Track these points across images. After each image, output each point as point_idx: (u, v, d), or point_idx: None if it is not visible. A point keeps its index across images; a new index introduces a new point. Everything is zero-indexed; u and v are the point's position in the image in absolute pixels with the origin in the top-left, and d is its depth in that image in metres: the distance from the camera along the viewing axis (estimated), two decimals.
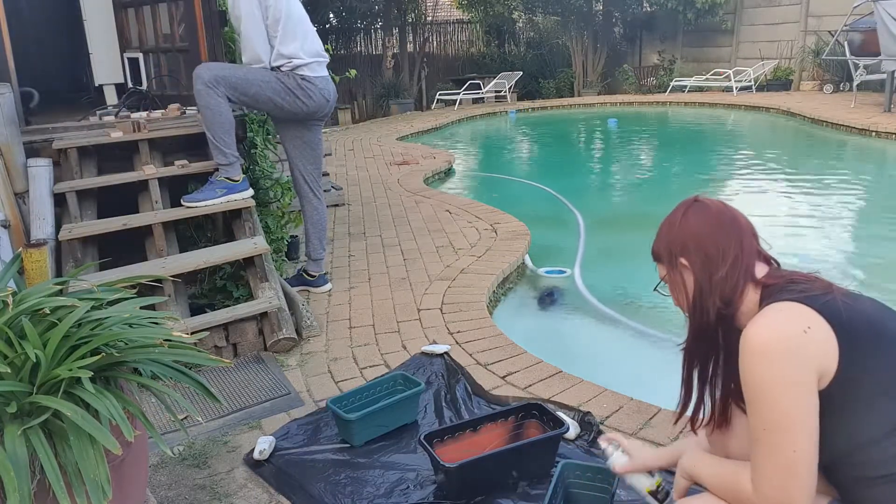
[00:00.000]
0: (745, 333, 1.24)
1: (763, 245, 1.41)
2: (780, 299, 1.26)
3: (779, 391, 1.19)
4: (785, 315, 1.23)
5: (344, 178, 6.82)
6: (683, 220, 1.41)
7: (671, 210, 1.46)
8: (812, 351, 1.19)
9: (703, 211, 1.41)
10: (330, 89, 3.43)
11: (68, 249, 3.04)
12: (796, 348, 1.19)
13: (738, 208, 1.45)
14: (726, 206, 1.42)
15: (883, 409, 1.20)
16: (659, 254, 1.46)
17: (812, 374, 1.19)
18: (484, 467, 1.96)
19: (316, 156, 3.60)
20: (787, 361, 1.19)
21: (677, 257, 1.40)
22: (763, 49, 13.47)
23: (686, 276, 1.39)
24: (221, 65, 3.23)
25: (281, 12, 3.19)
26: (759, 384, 1.21)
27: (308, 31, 3.33)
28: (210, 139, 3.24)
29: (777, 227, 5.18)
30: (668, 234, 1.43)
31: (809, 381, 1.19)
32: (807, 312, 1.22)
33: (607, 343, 3.40)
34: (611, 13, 15.08)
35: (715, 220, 1.39)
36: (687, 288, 1.40)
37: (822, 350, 1.20)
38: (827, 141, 8.82)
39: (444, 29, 15.69)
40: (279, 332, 3.01)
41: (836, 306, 1.23)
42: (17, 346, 1.51)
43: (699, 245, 1.37)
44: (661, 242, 1.45)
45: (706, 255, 1.36)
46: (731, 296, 1.34)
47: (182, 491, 2.10)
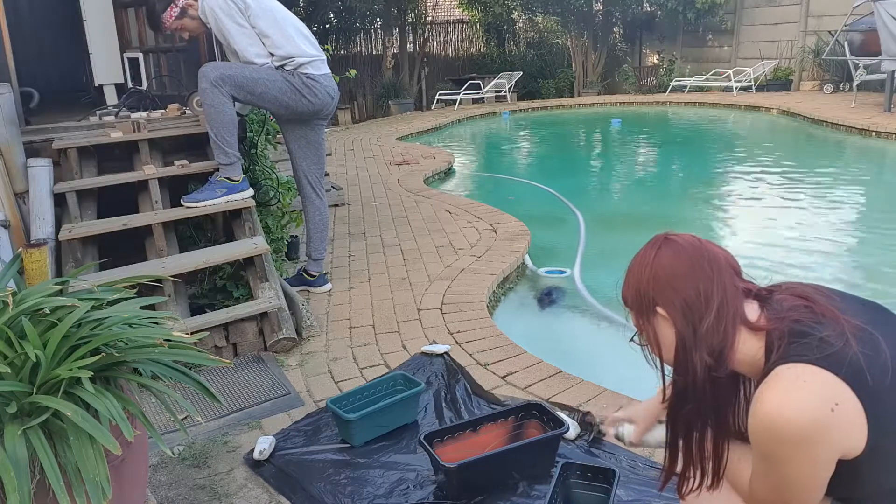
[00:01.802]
0: (762, 404, 1.09)
1: (747, 276, 1.24)
2: (794, 357, 1.11)
3: (795, 470, 1.10)
4: (808, 391, 1.07)
5: (344, 178, 6.82)
6: (655, 261, 1.24)
7: (639, 250, 1.29)
8: (838, 432, 1.07)
9: (675, 250, 1.23)
10: (333, 87, 3.44)
11: (68, 249, 3.03)
12: (822, 432, 1.06)
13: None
14: (701, 242, 1.24)
15: None
16: (630, 301, 1.28)
17: (836, 454, 1.09)
18: (484, 467, 1.96)
19: (319, 156, 3.60)
20: (809, 447, 1.07)
21: (653, 306, 1.22)
22: (763, 49, 13.47)
23: (664, 328, 1.22)
24: (227, 64, 3.23)
25: (266, 16, 3.18)
26: (773, 457, 1.12)
27: (299, 29, 3.33)
28: (212, 138, 3.24)
29: (777, 227, 5.18)
30: (638, 279, 1.26)
31: (831, 459, 1.09)
32: (832, 384, 1.07)
33: (607, 343, 3.40)
34: (611, 13, 15.08)
35: (691, 260, 1.21)
36: (665, 342, 1.23)
37: (848, 428, 1.07)
38: (827, 141, 8.82)
39: (444, 29, 15.69)
40: (279, 332, 3.01)
41: (859, 366, 1.08)
42: (17, 346, 1.51)
43: (676, 291, 1.20)
44: (631, 288, 1.27)
45: (686, 303, 1.19)
46: (720, 348, 1.17)
47: (182, 491, 2.10)
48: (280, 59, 3.23)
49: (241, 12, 3.15)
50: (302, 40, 3.30)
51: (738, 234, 5.11)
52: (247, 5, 3.15)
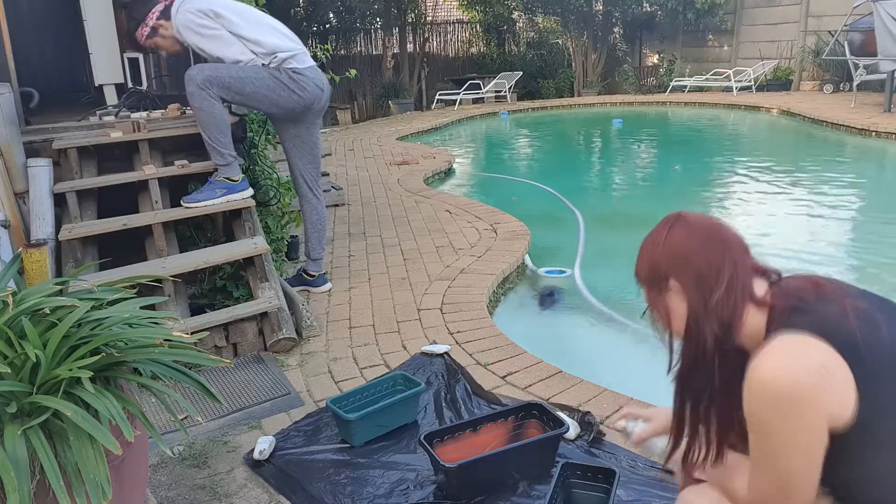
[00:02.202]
0: (753, 370, 1.14)
1: (757, 257, 1.29)
2: (790, 327, 1.16)
3: (785, 437, 1.13)
4: (798, 353, 1.12)
5: (344, 178, 6.82)
6: (668, 237, 1.28)
7: (652, 228, 1.34)
8: (826, 395, 1.10)
9: (688, 227, 1.28)
10: (321, 78, 3.42)
11: (68, 249, 3.03)
12: (810, 395, 1.10)
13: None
14: (713, 221, 1.31)
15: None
16: (643, 276, 1.32)
17: (824, 420, 1.11)
18: (484, 467, 1.96)
19: (314, 155, 3.60)
20: (797, 409, 1.11)
21: (665, 279, 1.27)
22: (763, 49, 13.47)
23: (676, 300, 1.27)
24: (213, 66, 3.22)
25: (237, 23, 3.18)
26: (765, 428, 1.15)
27: (275, 27, 3.33)
28: (206, 140, 3.24)
29: (777, 226, 5.18)
30: (652, 254, 1.30)
31: (820, 426, 1.12)
32: (822, 349, 1.11)
33: (607, 343, 3.40)
34: (611, 13, 15.08)
35: (703, 236, 1.26)
36: (677, 314, 1.27)
37: (837, 393, 1.11)
38: (827, 141, 8.82)
39: (444, 29, 15.69)
40: (279, 332, 3.01)
41: (854, 339, 1.12)
42: (17, 346, 1.51)
43: (689, 264, 1.24)
44: (645, 263, 1.31)
45: (699, 275, 1.23)
46: (730, 320, 1.22)
47: (182, 491, 2.10)
48: (263, 55, 3.23)
49: (212, 20, 3.15)
50: (280, 36, 3.30)
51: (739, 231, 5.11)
52: (218, 14, 3.15)
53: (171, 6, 3.18)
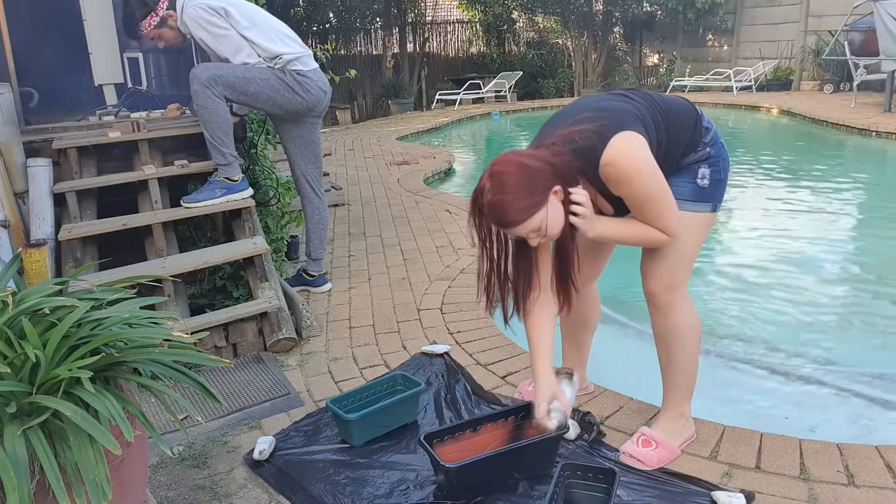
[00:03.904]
0: (613, 168, 1.78)
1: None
2: (609, 135, 1.79)
3: (655, 185, 1.82)
4: (629, 143, 1.77)
5: (344, 178, 6.82)
6: (507, 185, 1.71)
7: (485, 191, 1.73)
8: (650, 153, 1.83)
9: (507, 172, 1.72)
10: (324, 81, 3.43)
11: (68, 249, 3.03)
12: (648, 153, 1.80)
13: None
14: (517, 156, 1.78)
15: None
16: (516, 221, 1.72)
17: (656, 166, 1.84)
18: (484, 468, 1.96)
19: (316, 155, 3.60)
20: (649, 166, 1.80)
21: (547, 192, 1.73)
22: (763, 49, 13.47)
23: (556, 199, 1.75)
24: (218, 65, 3.22)
25: (244, 20, 3.17)
26: (641, 189, 1.81)
27: (281, 28, 3.33)
28: (208, 139, 3.24)
29: (777, 226, 5.18)
30: (511, 201, 1.70)
31: (658, 168, 1.83)
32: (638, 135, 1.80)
33: (607, 343, 3.39)
34: (611, 13, 15.08)
35: (523, 165, 1.73)
36: (560, 208, 1.77)
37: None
38: (827, 141, 8.82)
39: (444, 29, 15.69)
40: (279, 332, 3.01)
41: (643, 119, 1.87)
42: (16, 346, 1.51)
43: (537, 185, 1.72)
44: (512, 212, 1.71)
45: (562, 177, 1.77)
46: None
47: (182, 491, 2.10)
48: (268, 58, 3.23)
49: (222, 19, 3.15)
50: (285, 38, 3.30)
51: (738, 232, 5.11)
52: (227, 13, 3.15)
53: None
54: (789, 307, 3.68)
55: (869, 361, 3.08)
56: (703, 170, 1.99)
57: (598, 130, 1.78)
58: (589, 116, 1.83)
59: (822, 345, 3.25)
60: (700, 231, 2.04)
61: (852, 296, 3.85)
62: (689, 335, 2.08)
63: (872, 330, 3.42)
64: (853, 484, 1.96)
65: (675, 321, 2.06)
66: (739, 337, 3.34)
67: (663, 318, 2.08)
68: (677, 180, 1.99)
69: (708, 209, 2.03)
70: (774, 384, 2.89)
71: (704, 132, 2.00)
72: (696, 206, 2.00)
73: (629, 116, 1.84)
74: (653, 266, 2.05)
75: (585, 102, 1.96)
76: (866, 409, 2.69)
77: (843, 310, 3.66)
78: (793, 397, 2.79)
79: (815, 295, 3.84)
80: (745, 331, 3.41)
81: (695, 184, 1.99)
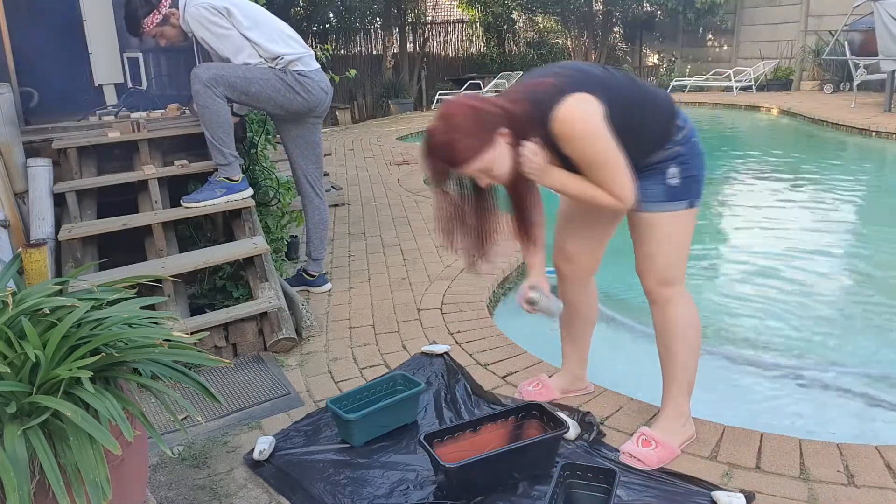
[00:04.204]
0: (560, 126, 1.83)
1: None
2: (557, 101, 1.83)
3: (604, 145, 1.85)
4: (583, 104, 1.83)
5: (344, 178, 6.82)
6: (453, 124, 1.76)
7: (434, 135, 1.79)
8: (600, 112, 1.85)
9: (453, 113, 1.78)
10: (326, 82, 3.43)
11: (68, 249, 3.03)
12: (598, 114, 1.84)
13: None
14: (461, 100, 1.82)
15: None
16: (472, 150, 1.77)
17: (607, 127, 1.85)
18: (484, 468, 1.96)
19: (317, 155, 3.60)
20: (600, 126, 1.84)
21: (493, 133, 1.78)
22: (763, 49, 13.47)
23: (503, 141, 1.80)
24: (220, 64, 3.22)
25: (246, 20, 3.17)
26: (591, 151, 1.86)
27: (283, 29, 3.33)
28: (208, 139, 3.24)
29: (777, 225, 5.18)
30: (467, 132, 1.75)
31: (608, 130, 1.85)
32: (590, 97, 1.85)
33: (607, 343, 3.39)
34: (611, 13, 15.09)
35: (472, 107, 1.79)
36: (507, 150, 1.82)
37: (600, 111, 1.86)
38: (827, 141, 8.82)
39: (443, 29, 15.69)
40: (279, 332, 3.01)
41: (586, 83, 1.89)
42: (16, 346, 1.51)
43: (487, 118, 1.79)
44: (461, 152, 1.77)
45: (512, 120, 1.82)
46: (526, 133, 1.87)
47: (182, 491, 2.10)
48: (269, 58, 3.23)
49: (224, 19, 3.15)
50: (287, 39, 3.30)
51: (739, 231, 5.11)
52: (230, 12, 3.15)
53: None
54: (789, 307, 3.68)
55: (869, 361, 3.08)
56: (672, 169, 2.03)
57: (558, 86, 1.85)
58: (556, 72, 1.91)
59: (823, 345, 3.25)
60: (682, 228, 2.07)
61: (852, 296, 3.85)
62: (689, 330, 2.11)
63: (873, 330, 3.42)
64: (853, 484, 1.96)
65: (672, 315, 2.10)
66: (739, 337, 3.34)
67: (661, 314, 2.11)
68: (647, 183, 2.02)
69: (683, 206, 2.05)
70: (774, 384, 2.89)
71: (677, 130, 2.02)
72: (672, 205, 2.04)
73: (593, 81, 1.89)
74: (645, 265, 2.11)
75: (562, 63, 2.04)
76: (866, 409, 2.69)
77: (844, 310, 3.66)
78: (793, 397, 2.79)
79: (815, 295, 3.84)
80: (744, 331, 3.41)
81: (665, 184, 2.03)
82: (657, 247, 2.06)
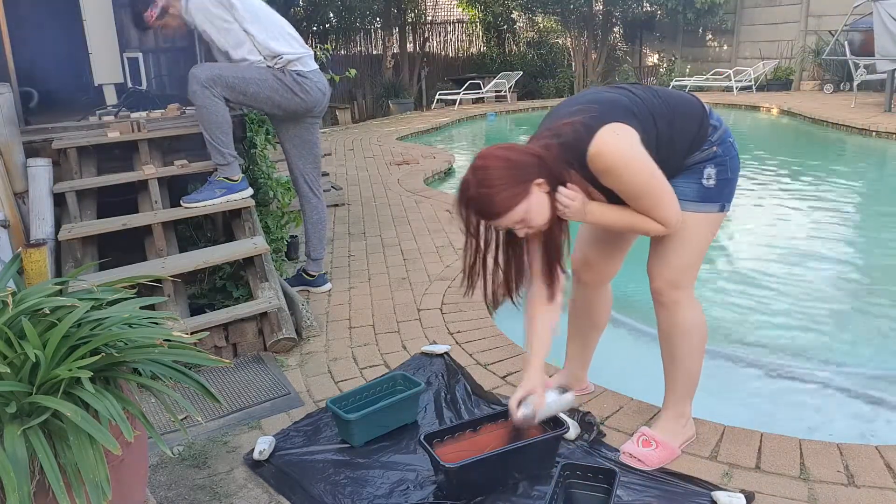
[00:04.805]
0: (599, 160, 1.79)
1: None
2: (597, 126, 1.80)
3: (646, 177, 1.83)
4: (616, 135, 1.79)
5: (344, 178, 6.82)
6: (487, 177, 1.72)
7: (470, 185, 1.75)
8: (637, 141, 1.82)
9: (491, 166, 1.74)
10: (324, 82, 3.43)
11: (68, 249, 3.03)
12: (638, 144, 1.82)
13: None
14: (499, 150, 1.78)
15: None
16: (502, 213, 1.74)
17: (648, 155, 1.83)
18: (484, 468, 1.96)
19: (314, 155, 3.60)
20: (638, 155, 1.82)
21: (527, 184, 1.73)
22: (763, 49, 13.47)
23: (540, 191, 1.77)
24: (218, 65, 3.22)
25: (252, 15, 3.18)
26: (633, 182, 1.82)
27: (284, 26, 3.33)
28: (207, 139, 3.24)
29: (777, 225, 5.18)
30: (501, 185, 1.71)
31: (649, 157, 1.82)
32: (628, 126, 1.81)
33: (607, 343, 3.38)
34: (611, 13, 15.08)
35: (506, 159, 1.74)
36: (545, 199, 1.79)
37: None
38: (827, 141, 8.82)
39: (444, 29, 15.69)
40: (279, 332, 3.01)
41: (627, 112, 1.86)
42: (16, 346, 1.51)
43: (532, 167, 1.75)
44: (497, 204, 1.73)
45: (548, 173, 1.78)
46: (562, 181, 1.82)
47: (182, 491, 2.10)
48: (268, 57, 3.23)
49: (227, 12, 3.15)
50: (288, 38, 3.30)
51: (738, 232, 5.11)
52: (232, 6, 3.15)
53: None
54: (789, 307, 3.68)
55: (869, 361, 3.08)
56: (708, 170, 1.98)
57: (586, 122, 1.80)
58: (580, 109, 1.84)
59: (823, 345, 3.25)
60: (707, 231, 2.03)
61: (852, 296, 3.85)
62: (695, 334, 2.08)
63: (872, 330, 3.42)
64: (853, 484, 1.96)
65: (681, 320, 2.06)
66: (739, 337, 3.34)
67: (670, 318, 2.08)
68: (682, 181, 1.98)
69: (715, 209, 2.01)
70: (774, 384, 2.89)
71: (712, 130, 1.98)
72: (703, 206, 1.99)
73: (619, 109, 1.84)
74: (660, 265, 2.05)
75: (581, 95, 1.97)
76: (866, 409, 2.69)
77: (843, 310, 3.66)
78: (793, 397, 2.79)
79: (815, 295, 3.84)
80: (744, 331, 3.41)
81: (700, 184, 1.98)
82: (678, 247, 2.00)
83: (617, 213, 1.91)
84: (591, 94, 1.96)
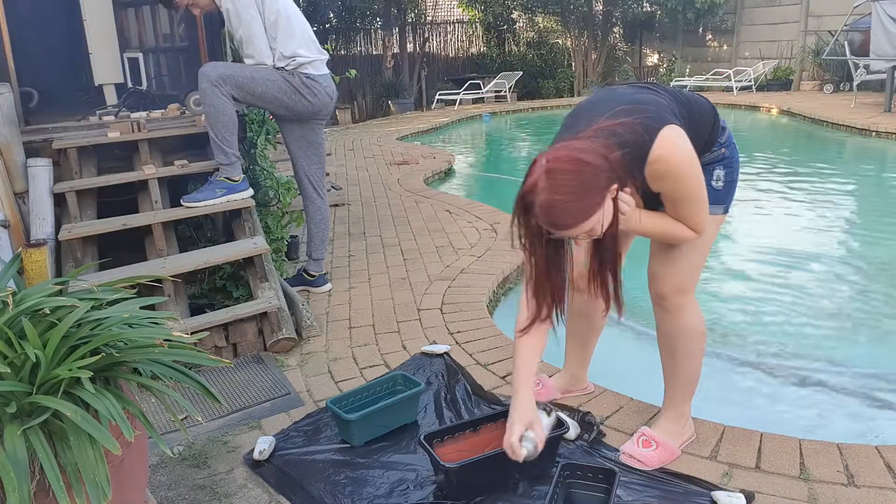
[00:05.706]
0: (664, 164, 1.70)
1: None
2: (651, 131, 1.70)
3: (695, 184, 1.78)
4: (677, 137, 1.72)
5: (344, 178, 6.82)
6: (561, 183, 1.55)
7: (539, 191, 1.58)
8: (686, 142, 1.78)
9: (562, 171, 1.56)
10: (332, 87, 3.45)
11: (68, 249, 3.03)
12: (693, 152, 1.77)
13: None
14: (567, 151, 1.60)
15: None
16: (573, 222, 1.58)
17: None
18: (484, 468, 1.96)
19: (319, 155, 3.60)
20: (694, 162, 1.77)
21: (604, 191, 1.59)
22: (763, 49, 13.48)
23: (597, 216, 1.61)
24: (228, 64, 3.23)
25: (277, 13, 3.18)
26: (683, 188, 1.77)
27: (306, 29, 3.33)
28: (212, 138, 3.24)
29: (776, 226, 5.18)
30: (576, 193, 1.55)
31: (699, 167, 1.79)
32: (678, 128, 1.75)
33: (608, 343, 3.39)
34: (611, 13, 15.09)
35: (580, 161, 1.57)
36: (611, 205, 1.64)
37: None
38: (827, 141, 8.82)
39: (444, 29, 15.69)
40: (279, 332, 3.01)
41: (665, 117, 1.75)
42: (17, 346, 1.51)
43: (589, 187, 1.58)
44: (572, 212, 1.57)
45: (616, 176, 1.62)
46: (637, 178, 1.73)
47: (182, 491, 2.10)
48: (282, 57, 3.23)
49: (254, 10, 3.14)
50: (307, 41, 3.30)
51: (738, 232, 5.11)
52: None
53: None
54: (789, 307, 3.68)
55: (869, 361, 3.08)
56: (717, 171, 1.97)
57: (646, 124, 1.68)
58: (627, 109, 1.71)
59: (823, 345, 3.25)
60: (713, 233, 2.02)
61: (852, 296, 3.85)
62: (696, 337, 2.06)
63: (872, 330, 3.42)
64: (853, 484, 1.96)
65: (683, 323, 2.04)
66: (739, 337, 3.34)
67: (671, 321, 2.05)
68: None
69: (720, 211, 2.01)
70: (774, 384, 2.89)
71: (721, 131, 1.97)
72: (711, 208, 1.93)
73: (666, 110, 1.76)
74: (664, 269, 2.01)
75: (617, 95, 1.84)
76: (866, 409, 2.69)
77: (844, 310, 3.66)
78: (793, 397, 2.79)
79: (814, 295, 3.84)
80: (744, 331, 3.41)
81: (710, 186, 1.94)
82: (687, 252, 1.96)
83: (657, 219, 1.84)
84: (628, 94, 1.82)
